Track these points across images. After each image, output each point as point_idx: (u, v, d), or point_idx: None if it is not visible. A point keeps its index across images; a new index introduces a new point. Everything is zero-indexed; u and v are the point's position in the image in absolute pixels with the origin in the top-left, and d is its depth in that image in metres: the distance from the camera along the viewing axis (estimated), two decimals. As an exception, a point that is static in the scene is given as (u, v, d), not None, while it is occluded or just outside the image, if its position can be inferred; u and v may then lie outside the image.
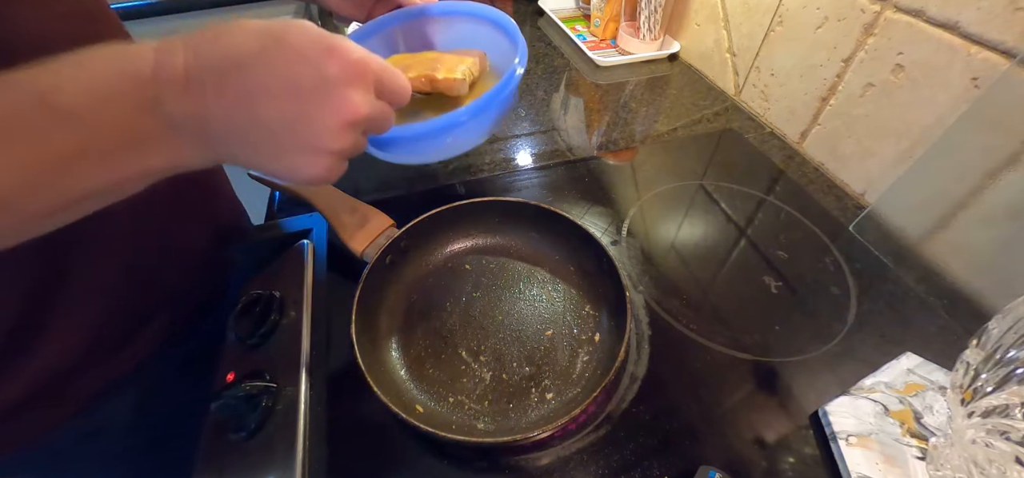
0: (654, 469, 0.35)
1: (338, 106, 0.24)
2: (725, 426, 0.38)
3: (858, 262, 0.50)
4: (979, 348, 0.30)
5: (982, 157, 0.44)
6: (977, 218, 0.46)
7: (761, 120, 0.71)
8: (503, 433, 0.36)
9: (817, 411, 0.38)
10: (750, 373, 0.41)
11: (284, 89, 0.23)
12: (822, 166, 0.63)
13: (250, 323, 0.39)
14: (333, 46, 0.24)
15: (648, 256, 0.51)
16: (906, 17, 0.49)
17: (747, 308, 0.46)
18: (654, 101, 0.76)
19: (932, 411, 0.36)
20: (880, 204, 0.54)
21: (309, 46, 0.23)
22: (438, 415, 0.37)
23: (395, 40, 0.45)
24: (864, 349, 0.42)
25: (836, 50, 0.58)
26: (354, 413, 0.38)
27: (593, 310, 0.44)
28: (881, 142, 0.55)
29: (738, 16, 0.72)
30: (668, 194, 0.59)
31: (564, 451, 0.36)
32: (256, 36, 0.23)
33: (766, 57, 0.68)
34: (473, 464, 0.36)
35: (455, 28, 0.45)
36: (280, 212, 0.54)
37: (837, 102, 0.59)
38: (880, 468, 0.34)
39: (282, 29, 0.23)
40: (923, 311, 0.46)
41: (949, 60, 0.46)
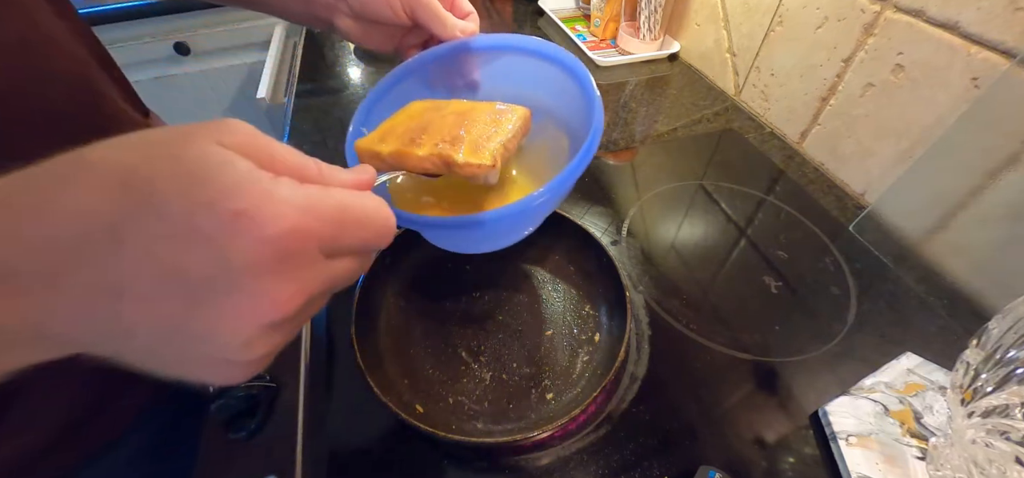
0: (654, 469, 0.35)
1: (250, 307, 0.16)
2: (725, 426, 0.38)
3: (858, 262, 0.50)
4: (979, 348, 0.30)
5: (982, 157, 0.44)
6: (977, 218, 0.46)
7: (761, 120, 0.71)
8: (503, 433, 0.36)
9: (817, 411, 0.38)
10: (750, 373, 0.41)
11: (157, 286, 0.15)
12: (822, 166, 0.63)
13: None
14: (245, 211, 0.15)
15: (648, 256, 0.51)
16: (906, 17, 0.49)
17: (747, 308, 0.46)
18: (654, 101, 0.76)
19: (932, 411, 0.36)
20: (880, 204, 0.54)
21: (201, 212, 0.14)
22: (438, 415, 0.37)
23: (431, 78, 0.39)
24: (864, 349, 0.42)
25: (836, 50, 0.58)
26: (354, 413, 0.38)
27: (593, 310, 0.44)
28: (881, 142, 0.55)
29: (738, 16, 0.72)
30: (668, 194, 0.59)
31: (564, 451, 0.36)
32: (109, 194, 0.14)
33: (766, 57, 0.68)
34: (473, 464, 0.36)
35: (503, 62, 0.38)
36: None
37: (837, 102, 0.59)
38: (880, 468, 0.33)
39: (157, 177, 0.15)
40: (923, 311, 0.46)
41: (949, 60, 0.46)
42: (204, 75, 1.14)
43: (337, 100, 0.74)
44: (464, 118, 0.32)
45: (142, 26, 1.04)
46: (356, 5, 0.35)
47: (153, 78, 1.12)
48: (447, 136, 0.30)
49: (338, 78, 0.80)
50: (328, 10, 0.37)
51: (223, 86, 1.16)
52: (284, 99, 0.89)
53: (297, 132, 0.67)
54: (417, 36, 0.39)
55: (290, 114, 0.71)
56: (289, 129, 0.68)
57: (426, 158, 0.30)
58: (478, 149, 0.29)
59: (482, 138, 0.30)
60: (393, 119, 0.35)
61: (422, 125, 0.32)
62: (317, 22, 0.39)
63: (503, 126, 0.31)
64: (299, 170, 0.19)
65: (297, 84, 0.77)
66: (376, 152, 0.31)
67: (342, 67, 0.82)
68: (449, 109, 0.34)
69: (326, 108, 0.72)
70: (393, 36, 0.39)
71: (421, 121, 0.32)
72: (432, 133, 0.31)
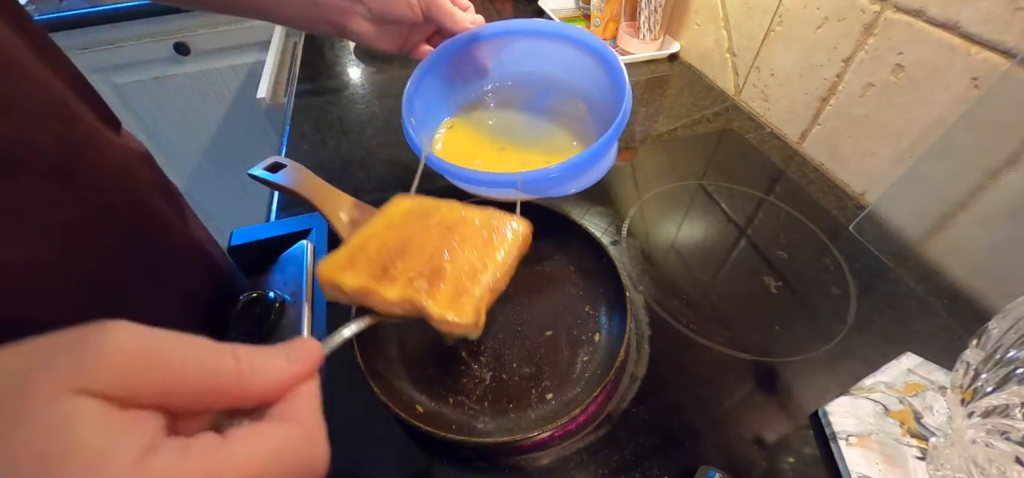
0: (654, 469, 0.35)
1: None
2: (725, 426, 0.38)
3: (858, 262, 0.50)
4: (979, 348, 0.30)
5: (982, 157, 0.44)
6: (977, 218, 0.46)
7: (761, 120, 0.71)
8: (503, 433, 0.36)
9: (817, 411, 0.38)
10: (750, 373, 0.41)
11: None
12: (822, 166, 0.63)
13: (250, 323, 0.39)
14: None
15: (648, 256, 0.51)
16: (906, 17, 0.49)
17: (747, 308, 0.46)
18: (654, 101, 0.76)
19: (932, 411, 0.36)
20: (880, 204, 0.54)
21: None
22: (438, 415, 0.37)
23: (447, 74, 0.43)
24: (864, 349, 0.42)
25: (836, 50, 0.58)
26: (354, 413, 0.38)
27: (593, 310, 0.44)
28: (881, 142, 0.55)
29: (738, 16, 0.72)
30: (668, 194, 0.59)
31: (564, 451, 0.36)
32: None
33: (766, 57, 0.68)
34: (473, 464, 0.36)
35: (511, 49, 0.42)
36: (280, 212, 0.54)
37: (837, 102, 0.59)
38: (880, 468, 0.33)
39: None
40: (923, 311, 0.46)
41: (949, 60, 0.46)
42: (204, 75, 1.14)
43: (337, 100, 0.74)
44: (452, 234, 0.27)
45: (142, 26, 1.04)
46: (375, 7, 0.36)
47: (153, 78, 1.12)
48: (426, 266, 0.26)
49: (338, 78, 0.80)
50: (342, 14, 0.38)
51: (223, 86, 1.16)
52: (284, 99, 0.89)
53: (297, 132, 0.68)
54: (423, 32, 0.41)
55: (290, 114, 0.71)
56: (289, 129, 0.68)
57: (396, 303, 0.25)
58: (459, 297, 0.25)
59: (467, 276, 0.26)
60: (372, 226, 0.30)
61: (401, 242, 0.27)
62: (327, 27, 0.40)
63: (494, 254, 0.27)
64: (210, 391, 0.15)
65: (297, 84, 0.77)
66: (338, 285, 0.26)
67: (342, 67, 0.82)
68: (436, 216, 0.29)
69: (326, 108, 0.72)
70: (403, 35, 0.40)
71: (401, 234, 0.28)
72: (410, 258, 0.27)
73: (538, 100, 0.44)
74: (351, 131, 0.68)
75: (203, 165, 1.32)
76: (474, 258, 0.27)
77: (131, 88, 1.12)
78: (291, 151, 0.64)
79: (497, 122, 0.45)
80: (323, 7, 0.38)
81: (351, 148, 0.65)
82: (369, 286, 0.26)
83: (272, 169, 0.50)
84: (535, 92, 0.44)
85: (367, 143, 0.66)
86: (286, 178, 0.49)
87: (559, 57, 0.40)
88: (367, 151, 0.64)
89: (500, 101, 0.46)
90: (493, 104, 0.46)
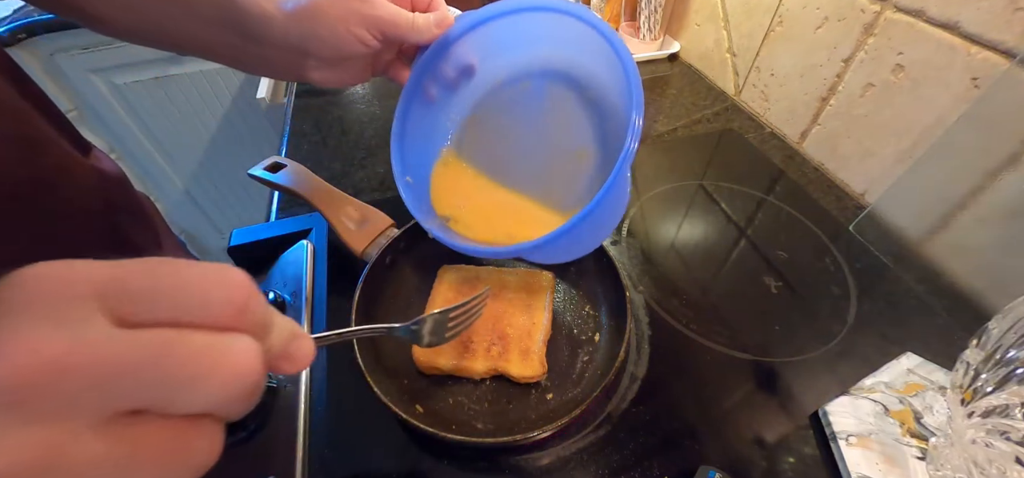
0: (654, 469, 0.35)
1: None
2: (725, 426, 0.38)
3: (858, 262, 0.50)
4: (979, 348, 0.30)
5: (982, 157, 0.44)
6: (977, 218, 0.46)
7: (761, 120, 0.71)
8: (503, 433, 0.36)
9: (817, 411, 0.38)
10: (750, 373, 0.41)
11: None
12: (822, 166, 0.63)
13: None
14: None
15: (648, 256, 0.51)
16: (906, 17, 0.49)
17: (747, 308, 0.46)
18: (654, 101, 0.76)
19: (932, 411, 0.36)
20: (880, 204, 0.54)
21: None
22: (438, 415, 0.37)
23: (432, 93, 0.38)
24: (864, 349, 0.42)
25: (836, 50, 0.58)
26: (354, 413, 0.38)
27: (593, 310, 0.44)
28: (881, 142, 0.55)
29: (738, 16, 0.72)
30: (668, 194, 0.59)
31: (564, 451, 0.36)
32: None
33: (766, 57, 0.68)
34: (473, 464, 0.36)
35: (489, 36, 0.36)
36: (280, 212, 0.54)
37: (837, 102, 0.59)
38: (880, 468, 0.33)
39: None
40: (923, 311, 0.46)
41: (949, 60, 0.46)
42: (204, 75, 1.13)
43: (337, 100, 0.74)
44: (499, 301, 0.40)
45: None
46: (325, 54, 0.33)
47: (153, 78, 1.12)
48: (494, 336, 0.39)
49: (338, 78, 0.80)
50: (295, 69, 0.34)
51: (223, 86, 1.16)
52: (284, 99, 0.89)
53: (297, 132, 0.68)
54: (390, 52, 0.38)
55: (290, 114, 0.71)
56: (289, 129, 0.68)
57: (484, 372, 0.38)
58: (527, 356, 0.38)
59: (526, 336, 0.39)
60: (434, 303, 0.42)
61: (466, 334, 0.38)
62: (287, 78, 0.37)
63: (538, 310, 0.40)
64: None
65: (297, 84, 0.77)
66: (435, 367, 0.38)
67: (342, 67, 0.82)
68: (481, 286, 0.41)
69: (326, 108, 0.72)
70: (368, 65, 0.37)
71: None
72: (478, 332, 0.38)
73: (535, 97, 0.39)
74: (351, 131, 0.68)
75: (203, 165, 1.32)
76: (524, 320, 0.40)
77: (131, 88, 1.12)
78: (291, 151, 0.64)
79: (494, 146, 0.40)
80: (273, 64, 0.35)
81: (351, 148, 0.65)
82: (460, 364, 0.38)
83: (272, 169, 0.50)
84: (532, 87, 0.38)
85: (367, 143, 0.66)
86: (286, 178, 0.49)
87: (544, 29, 0.35)
88: (367, 151, 0.64)
89: (495, 109, 0.40)
90: (489, 115, 0.40)
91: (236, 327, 0.15)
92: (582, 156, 0.36)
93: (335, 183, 0.49)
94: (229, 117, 1.22)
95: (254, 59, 0.35)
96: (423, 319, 0.32)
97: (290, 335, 0.17)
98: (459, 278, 0.44)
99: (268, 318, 0.16)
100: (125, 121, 1.16)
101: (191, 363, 0.14)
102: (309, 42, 0.32)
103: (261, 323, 0.16)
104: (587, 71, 0.35)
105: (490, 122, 0.40)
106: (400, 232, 0.45)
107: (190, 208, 1.40)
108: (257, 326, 0.16)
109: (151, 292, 0.14)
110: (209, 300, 0.14)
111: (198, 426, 0.14)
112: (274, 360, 0.17)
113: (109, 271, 0.14)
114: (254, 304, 0.15)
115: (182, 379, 0.13)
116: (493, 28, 0.35)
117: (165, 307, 0.14)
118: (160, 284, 0.14)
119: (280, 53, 0.33)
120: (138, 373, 0.13)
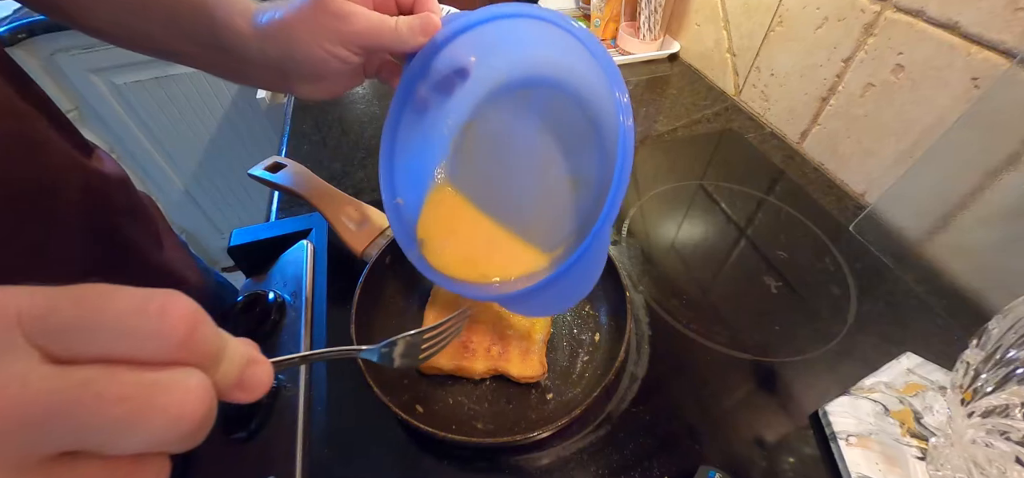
0: (654, 469, 0.35)
1: None
2: (725, 426, 0.38)
3: (858, 262, 0.50)
4: (979, 348, 0.30)
5: (982, 157, 0.44)
6: (977, 218, 0.46)
7: (761, 120, 0.71)
8: (503, 433, 0.36)
9: (817, 411, 0.38)
10: (750, 373, 0.41)
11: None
12: (822, 166, 0.63)
13: (250, 323, 0.39)
14: None
15: (648, 256, 0.51)
16: (906, 17, 0.49)
17: (747, 308, 0.46)
18: (654, 101, 0.76)
19: (932, 411, 0.36)
20: (880, 204, 0.54)
21: None
22: (438, 415, 0.37)
23: (426, 100, 0.35)
24: (864, 349, 0.42)
25: (836, 50, 0.58)
26: (354, 413, 0.38)
27: (593, 310, 0.44)
28: (881, 142, 0.55)
29: (738, 16, 0.72)
30: (668, 194, 0.59)
31: (564, 451, 0.36)
32: None
33: (766, 57, 0.68)
34: (473, 464, 0.36)
35: (484, 37, 0.32)
36: (280, 212, 0.54)
37: (837, 102, 0.59)
38: (880, 468, 0.33)
39: None
40: (923, 311, 0.46)
41: (949, 60, 0.46)
42: (204, 75, 1.13)
43: (337, 100, 0.74)
44: (501, 318, 0.40)
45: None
46: (307, 72, 0.32)
47: (153, 78, 1.12)
48: (494, 337, 0.39)
49: (338, 78, 0.80)
50: (281, 84, 0.34)
51: (223, 86, 1.16)
52: (284, 99, 0.89)
53: (297, 132, 0.68)
54: (378, 55, 0.36)
55: (290, 114, 0.71)
56: (289, 129, 0.68)
57: (485, 372, 0.38)
58: (527, 356, 0.38)
59: (525, 338, 0.39)
60: (433, 313, 0.42)
61: (466, 334, 0.39)
62: (276, 90, 0.37)
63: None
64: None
65: (297, 84, 0.77)
66: (437, 368, 0.38)
67: (342, 67, 0.82)
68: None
69: (326, 108, 0.72)
70: (355, 73, 0.35)
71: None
72: (478, 334, 0.39)
73: (535, 109, 0.35)
74: (351, 131, 0.68)
75: (203, 165, 1.32)
76: (524, 320, 0.40)
77: (131, 88, 1.12)
78: (291, 151, 0.64)
79: (487, 164, 0.38)
80: (257, 79, 0.34)
81: (351, 148, 0.65)
82: (461, 364, 0.38)
83: (272, 169, 0.50)
84: (532, 97, 0.35)
85: (367, 143, 0.66)
86: (286, 178, 0.49)
87: (540, 36, 0.32)
88: (367, 151, 0.64)
89: (492, 119, 0.37)
90: (486, 124, 0.37)
91: (179, 360, 0.14)
92: (575, 185, 0.34)
93: (335, 183, 0.49)
94: (229, 117, 1.22)
95: (238, 74, 0.34)
96: (394, 341, 0.30)
97: (244, 362, 0.16)
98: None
99: (218, 347, 0.15)
100: (125, 121, 1.16)
101: (124, 405, 0.12)
102: (285, 63, 0.31)
103: (209, 353, 0.15)
104: (588, 87, 0.32)
105: (487, 134, 0.38)
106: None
107: (190, 208, 1.40)
108: (204, 357, 0.15)
109: (83, 324, 0.13)
110: (147, 333, 0.13)
111: (142, 465, 0.14)
112: (226, 390, 0.16)
113: (39, 300, 0.12)
114: (199, 334, 0.14)
115: (115, 422, 0.12)
116: (487, 31, 0.32)
117: (100, 341, 0.13)
118: (93, 317, 0.13)
119: (261, 70, 0.33)
120: (67, 416, 0.12)
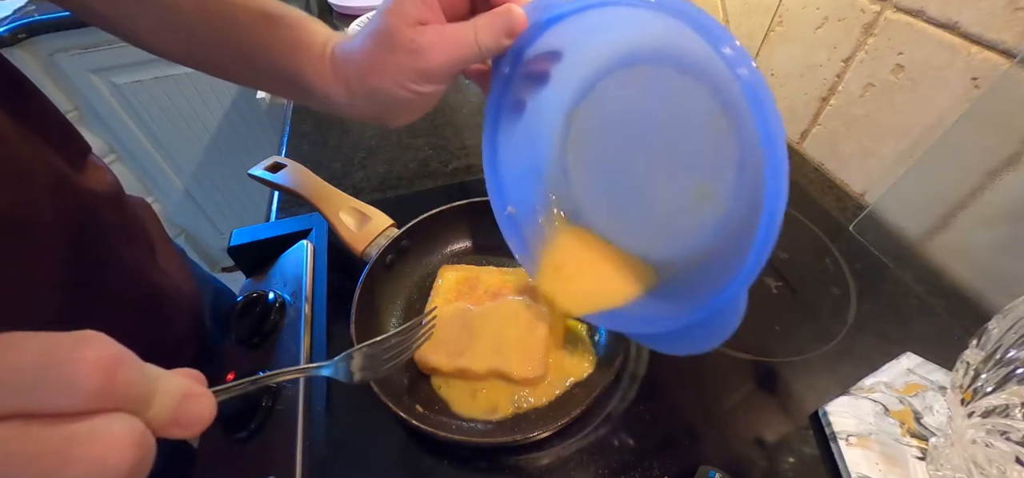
0: (654, 469, 0.35)
1: None
2: (725, 426, 0.38)
3: (858, 262, 0.50)
4: (979, 348, 0.30)
5: (982, 157, 0.44)
6: (977, 218, 0.46)
7: (761, 120, 0.71)
8: (503, 433, 0.36)
9: (817, 411, 0.38)
10: (750, 373, 0.41)
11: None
12: (822, 166, 0.63)
13: (250, 323, 0.39)
14: None
15: (648, 256, 0.51)
16: (906, 17, 0.49)
17: (747, 308, 0.46)
18: (654, 101, 0.76)
19: (932, 411, 0.36)
20: (880, 204, 0.54)
21: None
22: (438, 415, 0.37)
23: (516, 99, 0.32)
24: (864, 349, 0.42)
25: (836, 50, 0.58)
26: (354, 413, 0.38)
27: (593, 310, 0.44)
28: (881, 142, 0.55)
29: (738, 16, 0.72)
30: (668, 194, 0.58)
31: (564, 451, 0.36)
32: None
33: (766, 57, 0.68)
34: (473, 464, 0.36)
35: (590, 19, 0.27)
36: (280, 212, 0.54)
37: (837, 102, 0.59)
38: (880, 468, 0.33)
39: None
40: (923, 311, 0.46)
41: (949, 60, 0.46)
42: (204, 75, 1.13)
43: (337, 100, 0.74)
44: (500, 301, 0.40)
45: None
46: (401, 111, 0.30)
47: (153, 78, 1.12)
48: (496, 338, 0.38)
49: (338, 78, 0.80)
50: (378, 121, 0.33)
51: (223, 86, 1.16)
52: (284, 99, 0.89)
53: (297, 132, 0.68)
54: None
55: (290, 114, 0.71)
56: (289, 129, 0.68)
57: (485, 373, 0.37)
58: (527, 356, 0.37)
59: (525, 337, 0.38)
60: (434, 305, 0.42)
61: (466, 320, 0.39)
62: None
63: (538, 315, 0.38)
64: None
65: (297, 84, 0.77)
66: (434, 367, 0.38)
67: (342, 67, 0.82)
68: (481, 286, 0.41)
69: (326, 108, 0.72)
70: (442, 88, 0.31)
71: (461, 312, 0.38)
72: (480, 335, 0.38)
73: (651, 91, 0.30)
74: (351, 131, 0.68)
75: (203, 165, 1.32)
76: (525, 320, 0.39)
77: (131, 88, 1.12)
78: (291, 151, 0.65)
79: (600, 162, 0.34)
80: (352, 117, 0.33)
81: (351, 148, 0.65)
82: (459, 364, 0.37)
83: (272, 169, 0.50)
84: (647, 75, 0.29)
85: (367, 143, 0.66)
86: (286, 178, 0.49)
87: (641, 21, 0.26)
88: (367, 151, 0.64)
89: (601, 108, 0.32)
90: (595, 116, 0.33)
91: (100, 408, 0.13)
92: (703, 195, 0.28)
93: (335, 183, 0.49)
94: (229, 117, 1.23)
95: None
96: (350, 354, 0.29)
97: (178, 399, 0.16)
98: (459, 278, 0.44)
99: (144, 388, 0.15)
100: (125, 121, 1.16)
101: (41, 461, 0.12)
102: (376, 109, 0.31)
103: (134, 396, 0.14)
104: (716, 70, 0.25)
105: (596, 127, 0.33)
106: (400, 232, 0.45)
107: (190, 208, 1.40)
108: (128, 400, 0.14)
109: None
110: (58, 384, 0.13)
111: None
112: (161, 429, 0.15)
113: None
114: (120, 378, 0.14)
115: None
116: (582, 18, 0.27)
117: (12, 397, 0.12)
118: (4, 373, 0.12)
119: (351, 113, 0.32)
120: None
